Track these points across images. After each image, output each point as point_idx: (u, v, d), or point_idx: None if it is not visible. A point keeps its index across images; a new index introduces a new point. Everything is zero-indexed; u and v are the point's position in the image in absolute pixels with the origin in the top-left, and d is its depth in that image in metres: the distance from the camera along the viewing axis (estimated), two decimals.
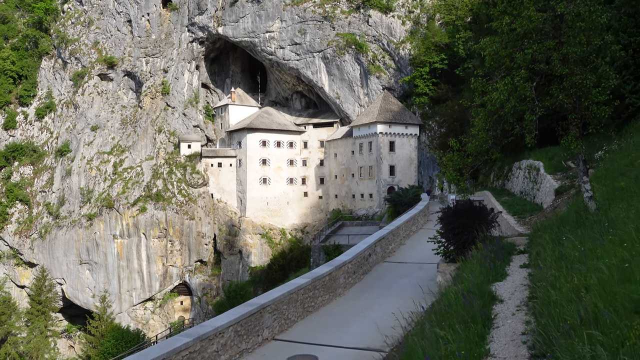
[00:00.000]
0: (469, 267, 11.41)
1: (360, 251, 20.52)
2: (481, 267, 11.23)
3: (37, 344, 77.88)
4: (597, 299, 6.19)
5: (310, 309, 15.95)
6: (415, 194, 52.06)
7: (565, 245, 9.86)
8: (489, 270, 11.07)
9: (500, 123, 14.02)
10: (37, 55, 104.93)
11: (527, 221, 22.29)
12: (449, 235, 16.95)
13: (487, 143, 14.29)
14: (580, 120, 13.67)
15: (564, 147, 31.30)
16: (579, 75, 13.02)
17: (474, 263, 11.66)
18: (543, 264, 9.49)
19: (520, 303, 8.97)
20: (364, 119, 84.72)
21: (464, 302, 8.14)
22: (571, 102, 13.34)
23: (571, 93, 13.12)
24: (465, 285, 9.57)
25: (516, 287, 10.00)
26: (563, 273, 7.83)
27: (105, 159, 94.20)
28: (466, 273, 11.01)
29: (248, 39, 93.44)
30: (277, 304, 13.98)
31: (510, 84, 13.29)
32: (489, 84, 14.61)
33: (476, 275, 10.51)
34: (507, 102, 13.39)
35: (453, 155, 15.94)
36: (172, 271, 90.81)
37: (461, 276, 11.13)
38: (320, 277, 16.51)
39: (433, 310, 9.14)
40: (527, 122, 13.18)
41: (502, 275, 11.07)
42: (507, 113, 13.43)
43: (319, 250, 43.09)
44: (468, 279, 10.03)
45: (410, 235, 31.08)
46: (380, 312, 15.85)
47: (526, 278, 10.54)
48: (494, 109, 13.78)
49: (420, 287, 17.81)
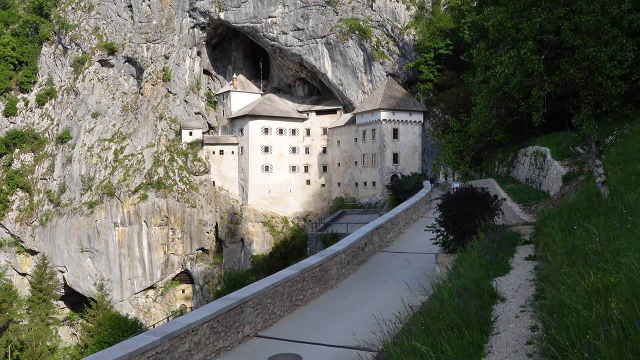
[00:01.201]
0: (468, 259, 10.20)
1: (355, 240, 19.32)
2: (481, 259, 10.03)
3: (37, 331, 77.41)
4: (624, 305, 4.87)
5: (299, 303, 14.81)
6: (417, 182, 50.75)
7: (578, 236, 8.67)
8: (490, 263, 9.88)
9: (504, 100, 12.72)
10: (38, 41, 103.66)
11: (533, 209, 21.07)
12: (448, 224, 15.69)
13: (490, 122, 12.98)
14: (593, 98, 12.37)
15: (572, 132, 30.01)
16: (592, 48, 11.68)
17: (474, 255, 10.45)
18: (552, 257, 8.28)
19: (526, 302, 7.78)
20: (367, 106, 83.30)
21: (458, 303, 6.98)
22: (583, 77, 12.02)
23: (583, 67, 11.80)
24: (462, 281, 8.39)
25: (520, 282, 8.82)
26: (577, 269, 6.61)
27: (106, 146, 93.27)
28: (464, 266, 9.84)
29: (250, 24, 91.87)
30: (261, 297, 12.85)
31: (516, 56, 11.96)
32: (492, 57, 13.27)
33: (475, 269, 9.33)
34: (512, 77, 12.08)
35: (453, 136, 14.64)
36: (174, 259, 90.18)
37: (458, 270, 9.95)
38: (309, 269, 15.34)
39: (422, 311, 7.97)
40: (534, 98, 11.87)
41: (504, 268, 9.89)
42: (513, 89, 12.12)
43: (317, 239, 41.91)
44: (465, 274, 8.84)
45: (411, 223, 29.87)
46: (373, 307, 14.70)
47: (532, 272, 9.37)
48: (497, 85, 12.48)
49: (418, 279, 16.72)
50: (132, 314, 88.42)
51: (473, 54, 14.20)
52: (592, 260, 6.63)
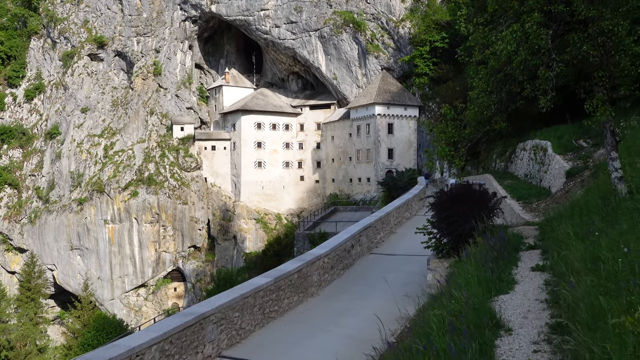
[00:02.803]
0: (464, 273, 8.46)
1: (340, 242, 17.55)
2: (479, 271, 8.30)
3: (25, 331, 75.71)
4: None
5: (273, 315, 13.09)
6: (411, 177, 48.93)
7: (597, 243, 6.98)
8: (490, 277, 8.20)
9: (506, 83, 11.00)
10: (26, 35, 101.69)
11: (534, 207, 19.42)
12: (441, 226, 13.89)
13: (489, 109, 11.23)
14: (609, 80, 10.67)
15: (573, 125, 28.40)
16: (609, 21, 10.01)
17: (471, 265, 8.72)
18: (571, 273, 6.56)
19: (539, 336, 5.99)
20: (361, 100, 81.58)
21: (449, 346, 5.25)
22: (598, 54, 10.29)
23: (598, 43, 10.09)
24: (455, 306, 6.67)
25: (529, 304, 7.07)
26: (617, 301, 4.87)
27: (95, 142, 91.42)
28: (460, 280, 8.12)
29: (242, 17, 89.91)
30: (226, 311, 11.14)
31: (519, 31, 10.22)
32: (492, 34, 11.50)
33: (472, 286, 7.64)
34: (515, 56, 10.37)
35: (446, 125, 12.86)
36: (165, 257, 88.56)
37: (452, 285, 8.21)
38: (286, 276, 13.59)
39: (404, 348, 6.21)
40: (541, 80, 10.17)
41: (508, 283, 8.13)
42: (516, 69, 10.40)
43: (304, 238, 39.97)
44: (460, 295, 7.07)
45: (403, 222, 28.11)
46: (357, 319, 13.04)
47: (542, 289, 7.65)
48: (498, 66, 10.75)
49: (408, 285, 15.10)
50: (123, 313, 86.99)
51: (469, 28, 12.38)
52: (632, 283, 4.97)
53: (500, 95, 11.14)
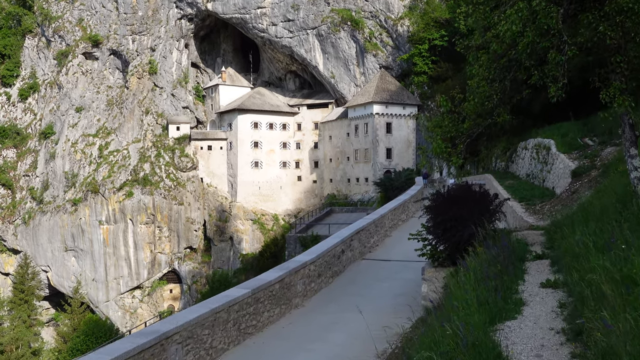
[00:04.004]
0: (461, 294, 7.05)
1: (329, 248, 16.20)
2: (480, 290, 6.92)
3: (17, 334, 74.40)
4: None
5: (251, 330, 11.76)
6: (408, 178, 47.49)
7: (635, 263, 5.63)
8: (493, 298, 6.75)
9: (510, 70, 9.68)
10: (21, 33, 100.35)
11: (538, 209, 18.12)
12: (437, 231, 12.56)
13: (491, 99, 9.89)
14: (629, 66, 9.36)
15: (577, 122, 27.14)
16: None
17: (469, 283, 7.36)
18: (595, 297, 5.19)
19: None
20: (359, 99, 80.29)
21: None
22: (616, 36, 9.01)
23: (616, 23, 8.81)
24: (450, 343, 5.31)
25: (543, 335, 5.68)
26: None
27: (90, 142, 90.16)
28: (457, 303, 6.73)
29: (239, 15, 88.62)
30: (193, 328, 9.83)
31: (526, 9, 8.92)
32: (494, 13, 10.15)
33: (472, 309, 6.29)
34: (521, 38, 9.07)
35: (442, 119, 11.52)
36: (161, 258, 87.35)
37: (448, 308, 6.83)
38: (265, 287, 12.24)
39: None
40: (551, 65, 8.87)
41: (515, 305, 6.72)
42: (522, 53, 9.08)
43: (295, 241, 38.56)
44: (457, 327, 5.67)
45: (399, 225, 26.78)
46: (343, 335, 11.74)
47: (557, 313, 6.23)
48: (501, 50, 9.44)
49: (402, 296, 13.83)
50: (118, 315, 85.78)
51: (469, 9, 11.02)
52: None
53: (503, 84, 9.81)
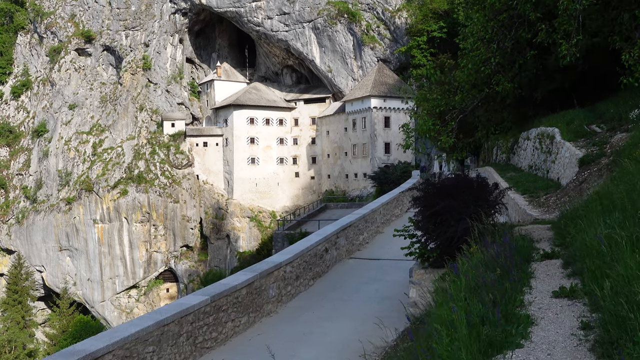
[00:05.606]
0: (446, 311, 5.19)
1: (309, 247, 14.61)
2: (473, 303, 5.16)
3: (10, 335, 73.12)
4: None
5: (210, 344, 10.17)
6: (404, 171, 45.90)
7: None
8: (491, 316, 4.97)
9: (512, 27, 8.04)
10: (13, 30, 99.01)
11: (542, 201, 16.57)
12: (427, 226, 11.01)
13: (488, 64, 8.22)
14: None
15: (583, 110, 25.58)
16: None
17: (459, 293, 5.67)
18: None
19: None
20: (357, 93, 78.71)
21: None
22: None
23: None
24: None
25: None
26: None
27: (84, 139, 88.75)
28: (441, 328, 4.92)
29: (233, 9, 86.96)
30: (133, 346, 8.27)
31: None
32: None
33: (460, 336, 4.56)
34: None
35: (430, 90, 9.89)
36: (157, 257, 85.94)
37: (430, 331, 5.17)
38: (229, 293, 10.61)
39: None
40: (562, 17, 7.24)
41: (519, 326, 4.83)
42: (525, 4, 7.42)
43: (283, 239, 36.95)
44: None
45: (392, 220, 25.23)
46: (317, 349, 10.18)
47: (581, 339, 4.40)
48: (500, 4, 7.78)
49: (390, 300, 12.32)
50: (114, 315, 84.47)
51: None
52: None
53: (503, 45, 8.15)
